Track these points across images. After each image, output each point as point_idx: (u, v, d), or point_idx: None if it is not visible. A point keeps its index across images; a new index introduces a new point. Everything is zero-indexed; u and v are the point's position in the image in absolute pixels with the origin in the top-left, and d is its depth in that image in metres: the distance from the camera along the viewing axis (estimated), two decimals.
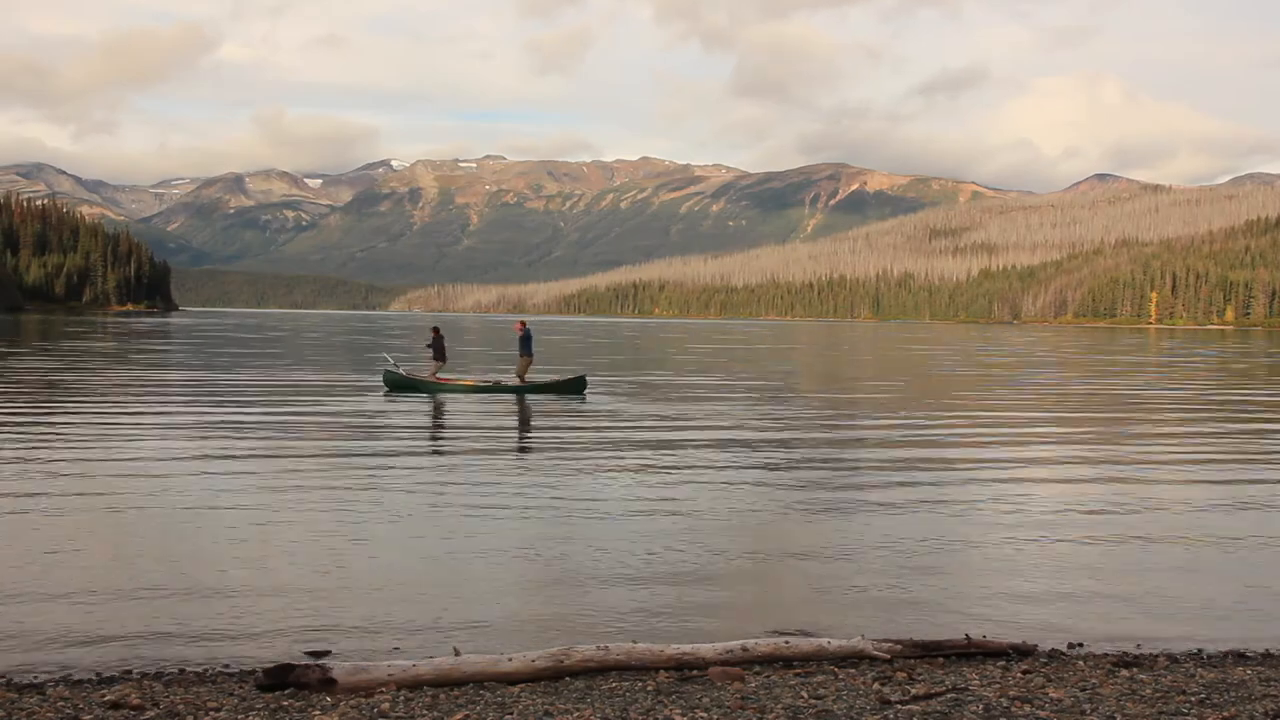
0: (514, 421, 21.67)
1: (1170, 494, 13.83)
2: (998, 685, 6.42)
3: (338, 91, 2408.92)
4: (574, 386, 27.23)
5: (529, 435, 19.20)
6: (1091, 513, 12.51)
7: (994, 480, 14.82)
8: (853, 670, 6.79)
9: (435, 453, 16.61)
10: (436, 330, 29.64)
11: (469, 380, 28.90)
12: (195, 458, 15.50)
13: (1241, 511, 12.61)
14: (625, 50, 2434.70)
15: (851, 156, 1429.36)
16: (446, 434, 19.30)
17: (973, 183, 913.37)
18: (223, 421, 20.36)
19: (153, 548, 9.92)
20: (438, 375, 28.12)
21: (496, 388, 27.51)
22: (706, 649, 6.89)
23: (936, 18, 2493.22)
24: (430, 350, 28.86)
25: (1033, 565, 9.89)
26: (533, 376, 28.42)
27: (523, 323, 29.08)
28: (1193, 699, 6.16)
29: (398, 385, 27.32)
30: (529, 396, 26.39)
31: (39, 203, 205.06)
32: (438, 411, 23.12)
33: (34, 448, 16.21)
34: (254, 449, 16.55)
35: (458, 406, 23.99)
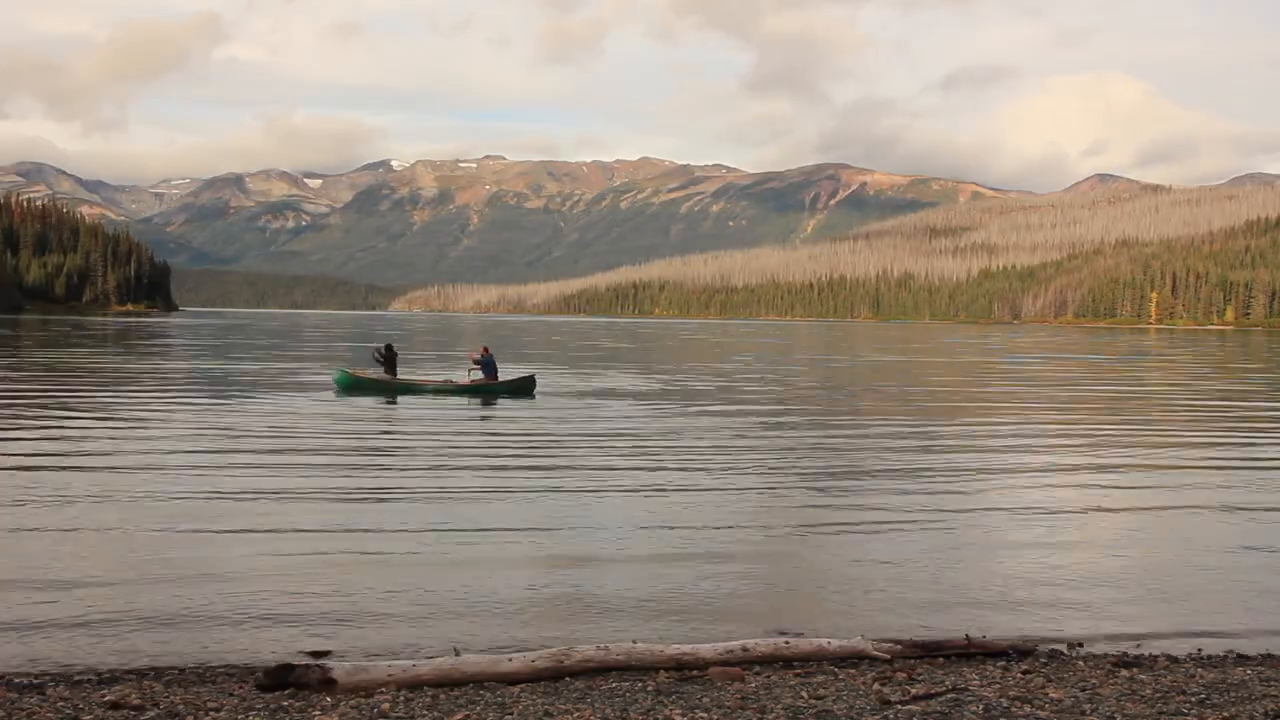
0: (503, 421, 21.64)
1: (1171, 495, 13.83)
2: (998, 685, 6.42)
3: (346, 90, 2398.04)
4: (524, 387, 27.46)
5: (525, 435, 19.17)
6: (1092, 514, 12.52)
7: (995, 482, 14.83)
8: (853, 670, 6.79)
9: (426, 453, 16.58)
10: (390, 347, 29.11)
11: (422, 380, 28.76)
12: (190, 460, 15.51)
13: (1243, 513, 12.61)
14: (637, 42, 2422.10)
15: (863, 155, 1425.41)
16: (435, 434, 19.26)
17: (973, 183, 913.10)
18: (208, 422, 20.37)
19: (152, 550, 9.92)
20: (386, 374, 27.69)
21: (449, 388, 27.42)
22: (706, 649, 6.89)
23: (948, 15, 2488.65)
24: (382, 365, 28.28)
25: (1033, 566, 9.90)
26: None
27: (485, 348, 29.01)
28: (1193, 699, 6.16)
29: (350, 386, 26.96)
30: (477, 396, 26.34)
31: (39, 203, 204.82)
32: (412, 412, 22.94)
33: (27, 449, 16.22)
34: (240, 448, 16.55)
35: (431, 407, 23.82)
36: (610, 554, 9.96)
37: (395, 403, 24.86)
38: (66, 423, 19.72)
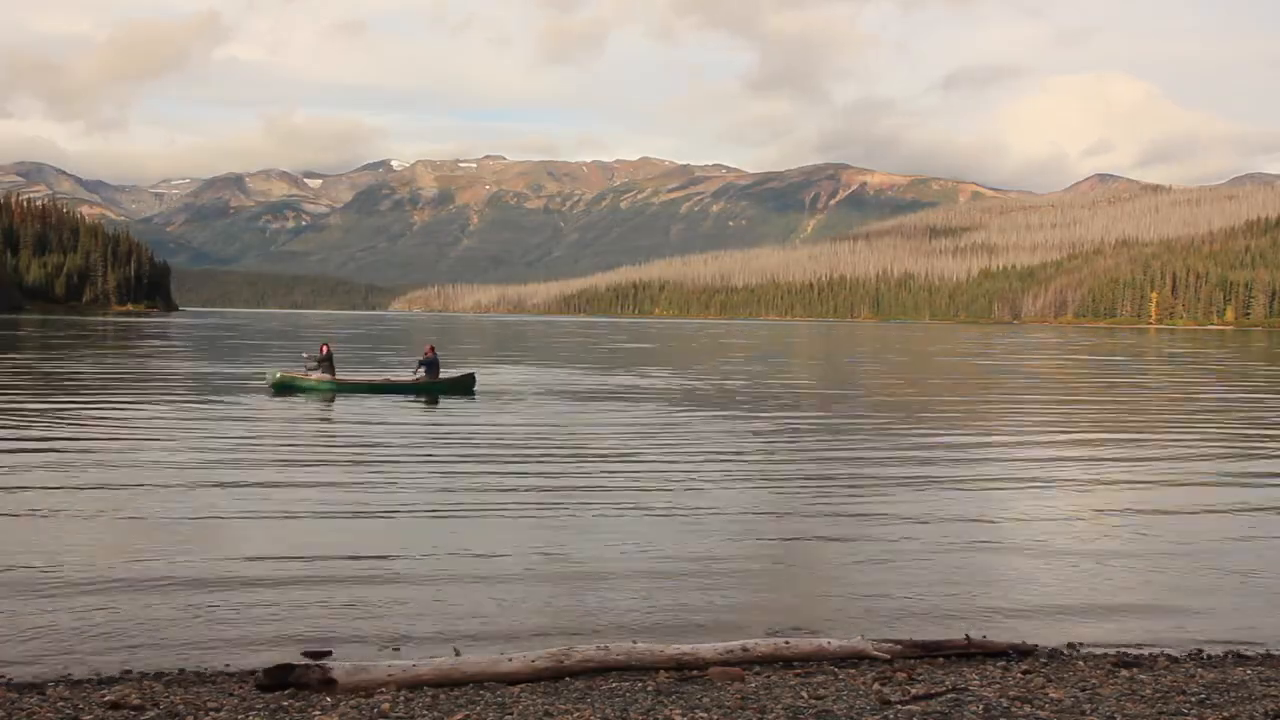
0: (501, 422, 21.63)
1: (1171, 495, 13.83)
2: (998, 685, 6.42)
3: (346, 90, 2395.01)
4: (463, 385, 27.47)
5: (525, 436, 19.15)
6: (1091, 514, 12.51)
7: (995, 482, 14.83)
8: (853, 670, 6.79)
9: (423, 453, 16.58)
10: (325, 346, 28.51)
11: (361, 379, 28.49)
12: (188, 460, 15.51)
13: (1243, 513, 12.61)
14: (638, 42, 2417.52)
15: (863, 155, 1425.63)
16: (426, 435, 19.25)
17: (973, 183, 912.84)
18: (196, 422, 20.38)
19: (151, 550, 9.92)
20: (324, 375, 27.20)
21: (388, 386, 27.23)
22: (706, 649, 6.89)
23: (949, 15, 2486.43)
24: (318, 367, 27.58)
25: (1033, 565, 9.90)
26: None
27: (431, 347, 28.97)
28: (1193, 699, 6.16)
29: (286, 387, 26.45)
30: (406, 395, 26.25)
31: (39, 203, 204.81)
32: (385, 412, 22.69)
33: (24, 448, 16.22)
34: (233, 449, 16.56)
35: (376, 406, 23.61)
36: (609, 553, 9.96)
37: (333, 403, 24.47)
38: (46, 426, 19.70)
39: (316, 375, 27.21)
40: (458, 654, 6.86)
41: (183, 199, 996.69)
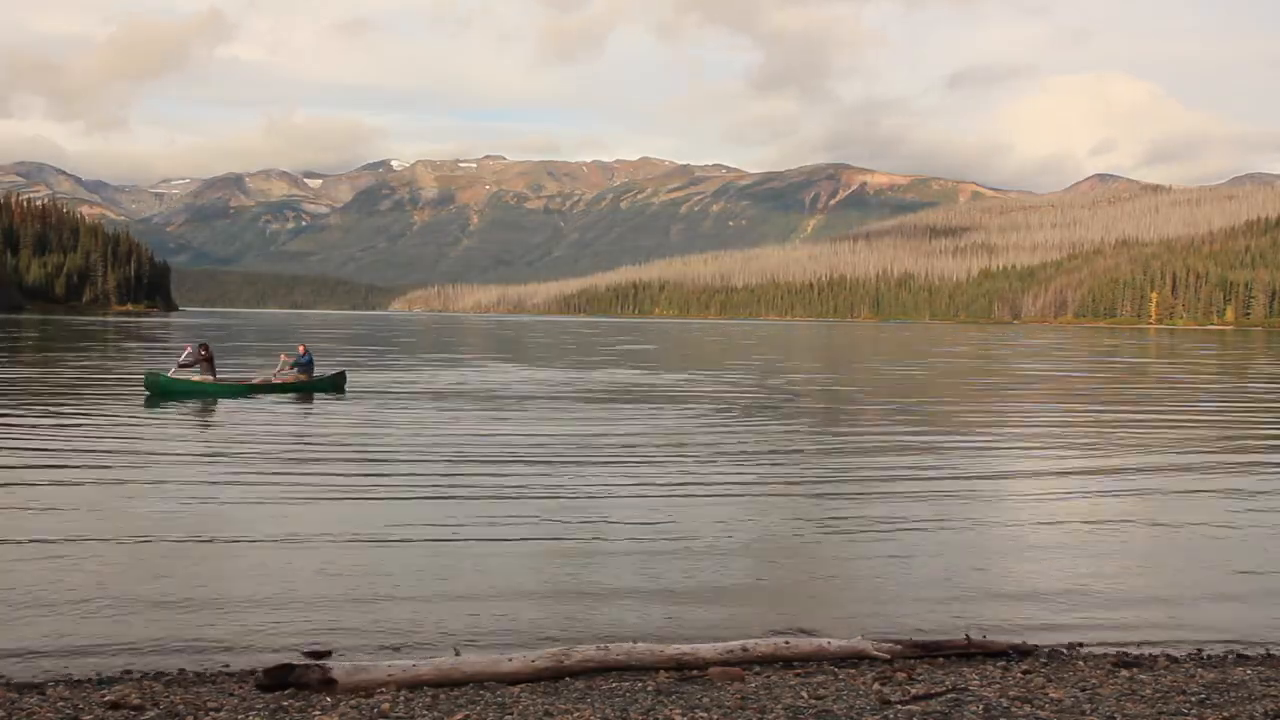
0: (503, 421, 21.63)
1: (1173, 496, 13.82)
2: (998, 685, 6.42)
3: (346, 90, 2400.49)
4: (333, 384, 27.72)
5: (529, 437, 19.15)
6: (1092, 514, 12.51)
7: (996, 483, 14.83)
8: (853, 670, 6.79)
9: (424, 455, 16.58)
10: (206, 347, 27.50)
11: (240, 380, 28.09)
12: (191, 460, 15.51)
13: (1244, 514, 12.60)
14: (639, 41, 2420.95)
15: (865, 155, 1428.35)
16: (419, 436, 19.24)
17: (973, 183, 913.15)
18: (190, 422, 20.38)
19: (152, 550, 9.91)
20: (204, 376, 26.37)
21: (266, 386, 26.92)
22: (706, 649, 6.89)
23: (950, 14, 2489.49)
24: (195, 366, 26.53)
25: (1033, 566, 9.90)
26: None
27: (304, 347, 28.98)
28: (1193, 699, 6.16)
29: (162, 390, 25.40)
30: (286, 394, 26.07)
31: (39, 203, 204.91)
32: (361, 413, 22.54)
33: (25, 450, 16.22)
34: (246, 451, 16.56)
35: (270, 407, 23.27)
36: (610, 553, 9.96)
37: (216, 406, 23.66)
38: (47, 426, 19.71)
39: (197, 376, 26.31)
40: (458, 654, 6.86)
41: (183, 199, 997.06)
